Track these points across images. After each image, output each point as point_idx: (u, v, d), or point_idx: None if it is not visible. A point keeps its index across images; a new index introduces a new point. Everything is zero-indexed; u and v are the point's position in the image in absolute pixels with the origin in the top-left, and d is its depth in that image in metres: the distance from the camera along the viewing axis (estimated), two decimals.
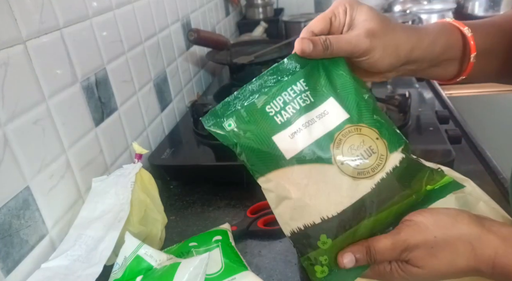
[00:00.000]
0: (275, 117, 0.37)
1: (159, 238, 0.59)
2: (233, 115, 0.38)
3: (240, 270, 0.47)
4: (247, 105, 0.38)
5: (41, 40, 0.54)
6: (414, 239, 0.35)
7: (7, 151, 0.48)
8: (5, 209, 0.47)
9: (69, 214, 0.58)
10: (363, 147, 0.35)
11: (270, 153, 0.37)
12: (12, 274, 0.48)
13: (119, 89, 0.73)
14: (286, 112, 0.37)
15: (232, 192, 0.70)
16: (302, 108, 0.37)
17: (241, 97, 0.38)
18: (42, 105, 0.54)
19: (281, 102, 0.38)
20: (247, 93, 0.38)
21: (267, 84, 0.38)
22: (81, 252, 0.52)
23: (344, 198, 0.35)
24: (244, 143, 0.38)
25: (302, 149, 0.36)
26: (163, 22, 0.95)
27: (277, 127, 0.37)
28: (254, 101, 0.38)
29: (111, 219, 0.54)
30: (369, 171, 0.35)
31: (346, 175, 0.35)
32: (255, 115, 0.38)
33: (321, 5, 1.76)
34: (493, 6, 1.48)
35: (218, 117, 0.39)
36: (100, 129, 0.67)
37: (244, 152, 0.38)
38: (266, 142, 0.37)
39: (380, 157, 0.36)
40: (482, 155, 0.72)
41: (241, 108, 0.38)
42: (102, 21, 0.69)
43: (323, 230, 0.35)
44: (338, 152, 0.35)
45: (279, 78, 0.38)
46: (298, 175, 0.36)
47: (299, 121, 0.37)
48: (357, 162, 0.35)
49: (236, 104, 0.38)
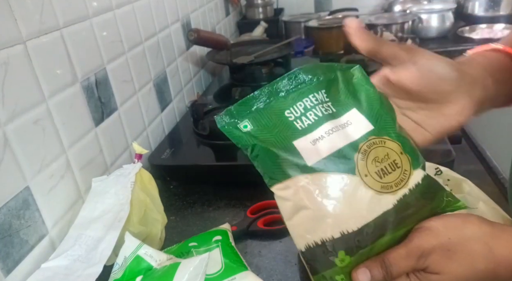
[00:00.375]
0: (295, 122, 0.35)
1: (159, 238, 0.59)
2: (250, 117, 0.36)
3: (240, 270, 0.47)
4: (265, 107, 0.36)
5: (41, 40, 0.54)
6: (429, 244, 0.34)
7: (7, 151, 0.48)
8: (5, 209, 0.47)
9: (69, 214, 0.58)
10: (388, 161, 0.34)
11: (290, 158, 0.34)
12: (12, 274, 0.48)
13: (119, 89, 0.73)
14: (307, 118, 0.35)
15: (232, 192, 0.70)
16: (325, 116, 0.35)
17: (259, 99, 0.37)
18: (42, 105, 0.54)
19: (302, 108, 0.36)
20: (263, 96, 0.37)
21: (285, 88, 0.37)
22: (81, 252, 0.52)
23: (366, 212, 0.33)
24: (262, 146, 0.35)
25: (325, 157, 0.34)
26: (163, 22, 0.95)
27: (297, 132, 0.35)
28: (272, 104, 0.36)
29: (111, 219, 0.54)
30: (393, 186, 0.34)
31: (369, 188, 0.33)
32: (274, 118, 0.36)
33: (321, 5, 1.77)
34: (493, 6, 1.48)
35: (233, 117, 0.36)
36: (100, 129, 0.67)
37: (260, 155, 0.36)
38: (286, 145, 0.35)
39: (404, 172, 0.34)
40: (482, 155, 0.72)
41: (258, 110, 0.36)
42: (102, 21, 0.69)
43: (342, 246, 0.33)
44: (362, 163, 0.33)
45: (298, 86, 0.37)
46: (319, 183, 0.33)
47: (322, 128, 0.35)
48: (381, 175, 0.34)
49: (253, 105, 0.36)
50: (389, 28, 1.35)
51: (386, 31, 1.32)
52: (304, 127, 0.35)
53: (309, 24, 1.44)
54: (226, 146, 0.76)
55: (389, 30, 1.34)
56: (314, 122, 0.35)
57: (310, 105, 0.36)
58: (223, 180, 0.72)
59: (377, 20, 1.43)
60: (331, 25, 1.39)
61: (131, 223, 0.55)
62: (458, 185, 0.47)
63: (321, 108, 0.36)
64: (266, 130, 0.36)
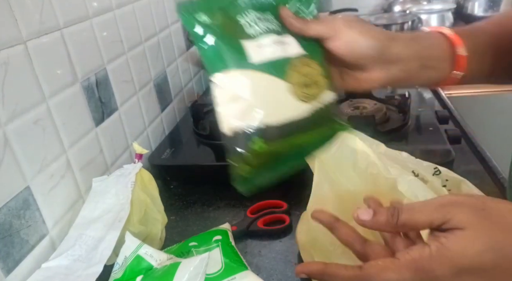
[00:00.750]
0: (245, 27, 0.41)
1: (159, 238, 0.59)
2: (208, 11, 0.40)
3: (240, 270, 0.47)
4: (222, 6, 0.41)
5: (41, 40, 0.55)
6: (458, 197, 0.30)
7: (7, 151, 0.48)
8: (5, 209, 0.47)
9: (69, 214, 0.58)
10: (311, 78, 0.41)
11: (236, 52, 0.39)
12: (12, 274, 0.48)
13: (119, 89, 0.73)
14: (257, 27, 0.41)
15: (232, 192, 0.69)
16: (272, 30, 0.41)
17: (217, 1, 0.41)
18: (43, 105, 0.54)
19: (255, 17, 0.41)
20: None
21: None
22: (81, 252, 0.52)
23: (289, 112, 0.39)
24: (213, 36, 0.39)
25: (265, 60, 0.39)
26: (163, 22, 0.95)
27: (246, 35, 0.40)
28: (230, 6, 0.41)
29: (111, 219, 0.54)
30: (311, 97, 0.40)
31: (294, 93, 0.39)
32: (228, 18, 0.40)
33: (321, 5, 1.76)
34: (493, 6, 1.48)
35: (194, 8, 0.40)
36: (100, 129, 0.67)
37: (207, 45, 0.39)
38: (235, 41, 0.39)
39: (321, 90, 0.41)
40: (481, 155, 0.72)
41: (216, 8, 0.41)
42: (103, 21, 0.69)
43: (262, 135, 0.38)
44: (291, 73, 0.40)
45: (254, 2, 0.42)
46: (256, 81, 0.38)
47: (268, 38, 0.41)
48: (303, 86, 0.40)
49: (213, 4, 0.41)
50: (389, 28, 1.36)
51: None
52: (253, 33, 0.41)
53: None
54: (226, 147, 0.76)
55: (388, 30, 1.35)
56: (262, 32, 0.41)
57: (261, 18, 0.42)
58: (223, 180, 0.72)
59: (377, 21, 1.43)
60: None
61: (131, 223, 0.55)
62: (457, 186, 0.47)
63: (270, 24, 0.42)
64: (221, 25, 0.40)
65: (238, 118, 0.38)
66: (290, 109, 0.39)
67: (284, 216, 0.61)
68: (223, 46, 0.39)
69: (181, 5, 0.40)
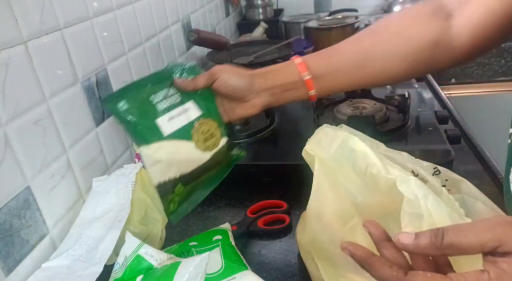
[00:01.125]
0: (157, 105, 0.52)
1: (160, 238, 0.59)
2: (127, 99, 0.51)
3: (240, 269, 0.47)
4: (136, 93, 0.52)
5: (42, 41, 0.55)
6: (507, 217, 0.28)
7: (8, 151, 0.48)
8: (5, 209, 0.47)
9: (69, 214, 0.58)
10: (210, 132, 0.55)
11: (151, 130, 0.51)
12: (12, 274, 0.48)
13: None
14: (166, 103, 0.53)
15: (232, 192, 0.70)
16: (177, 102, 0.54)
17: (132, 88, 0.53)
18: (43, 105, 0.54)
19: (163, 95, 0.54)
20: (134, 86, 0.54)
21: (152, 80, 0.54)
22: (81, 252, 0.52)
23: (195, 162, 0.54)
24: (133, 118, 0.50)
25: (174, 130, 0.52)
26: (164, 23, 0.95)
27: (158, 112, 0.52)
28: (142, 91, 0.53)
29: (112, 219, 0.54)
30: (211, 147, 0.55)
31: (199, 148, 0.53)
32: (143, 101, 0.52)
33: (321, 6, 1.77)
34: None
35: (114, 98, 0.52)
36: (100, 129, 0.67)
37: (131, 125, 0.50)
38: (150, 120, 0.51)
39: (218, 139, 0.56)
40: (481, 155, 0.72)
41: (132, 95, 0.52)
42: (103, 21, 0.70)
43: (180, 181, 0.52)
44: (194, 134, 0.54)
45: (160, 82, 0.55)
46: (170, 147, 0.51)
47: (175, 111, 0.53)
48: (205, 141, 0.54)
49: (129, 93, 0.52)
50: None
51: None
52: (164, 108, 0.53)
53: (308, 25, 1.44)
54: None
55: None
56: (170, 106, 0.53)
57: (168, 94, 0.54)
58: (223, 180, 0.72)
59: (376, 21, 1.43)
60: (331, 25, 1.39)
61: (131, 223, 0.55)
62: (457, 186, 0.47)
63: (175, 97, 0.54)
64: (138, 108, 0.51)
65: (163, 174, 0.51)
66: (196, 159, 0.53)
67: (284, 216, 0.61)
68: (141, 127, 0.51)
69: (104, 98, 0.52)
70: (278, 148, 0.76)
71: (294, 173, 0.66)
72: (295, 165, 0.66)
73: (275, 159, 0.71)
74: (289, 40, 1.22)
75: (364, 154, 0.43)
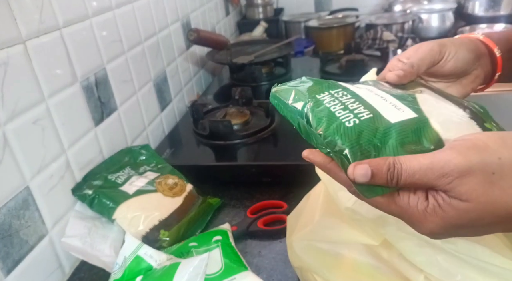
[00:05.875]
0: (117, 180, 0.62)
1: None
2: (93, 179, 0.60)
3: (240, 270, 0.47)
4: (109, 179, 0.61)
5: (41, 40, 0.54)
6: (467, 160, 0.25)
7: (7, 151, 0.48)
8: (4, 209, 0.47)
9: (69, 214, 0.58)
10: (173, 181, 0.64)
11: (119, 195, 0.59)
12: (12, 274, 0.48)
13: (119, 89, 0.73)
14: (125, 176, 0.63)
15: (232, 192, 0.70)
16: (132, 173, 0.64)
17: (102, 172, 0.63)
18: (42, 105, 0.54)
19: (125, 172, 0.64)
20: (103, 170, 0.63)
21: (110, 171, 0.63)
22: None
23: (168, 208, 0.60)
24: (101, 192, 0.59)
25: (137, 189, 0.60)
26: (163, 22, 0.95)
27: (120, 184, 0.61)
28: (113, 178, 0.62)
29: None
30: (179, 193, 0.63)
31: (167, 196, 0.61)
32: (106, 180, 0.61)
33: (321, 5, 1.76)
34: (493, 6, 1.48)
35: (85, 182, 0.60)
36: (99, 129, 0.67)
37: (100, 196, 0.58)
38: (115, 189, 0.60)
39: (182, 185, 0.64)
40: None
41: (96, 176, 0.61)
42: (102, 21, 0.69)
43: (161, 227, 0.57)
44: (159, 186, 0.62)
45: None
46: (139, 202, 0.59)
47: (133, 178, 0.63)
48: (170, 189, 0.62)
49: (95, 174, 0.62)
50: (389, 28, 1.35)
51: (386, 31, 1.31)
52: (123, 180, 0.62)
53: (309, 24, 1.44)
54: (226, 146, 0.77)
55: (389, 30, 1.34)
56: (128, 177, 0.63)
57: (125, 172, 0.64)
58: (223, 180, 0.72)
59: (377, 20, 1.42)
60: (331, 25, 1.39)
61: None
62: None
63: (130, 170, 0.65)
64: (104, 187, 0.59)
65: (143, 225, 0.57)
66: (168, 205, 0.60)
67: (284, 216, 0.61)
68: (109, 194, 0.59)
69: (74, 187, 0.59)
70: (278, 148, 0.76)
71: (294, 173, 0.66)
72: (295, 165, 0.66)
73: (275, 159, 0.71)
74: (289, 40, 1.21)
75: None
